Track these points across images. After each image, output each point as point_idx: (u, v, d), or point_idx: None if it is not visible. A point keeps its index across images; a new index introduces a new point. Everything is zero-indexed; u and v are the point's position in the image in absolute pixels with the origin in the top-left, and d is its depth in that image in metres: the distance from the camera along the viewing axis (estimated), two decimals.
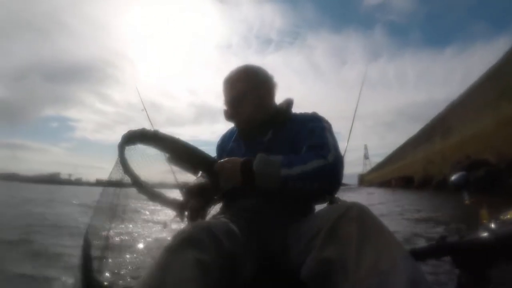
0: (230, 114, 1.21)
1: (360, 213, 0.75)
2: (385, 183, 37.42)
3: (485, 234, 0.97)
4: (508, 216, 0.98)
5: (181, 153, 0.99)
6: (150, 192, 1.06)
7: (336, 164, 0.97)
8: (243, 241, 0.88)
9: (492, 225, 0.98)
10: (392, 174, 35.00)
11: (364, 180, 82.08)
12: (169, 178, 1.20)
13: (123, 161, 1.03)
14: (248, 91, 1.15)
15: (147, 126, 1.48)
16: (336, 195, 1.39)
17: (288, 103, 1.24)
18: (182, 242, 0.71)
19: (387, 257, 0.64)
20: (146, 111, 1.60)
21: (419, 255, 1.06)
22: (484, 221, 1.04)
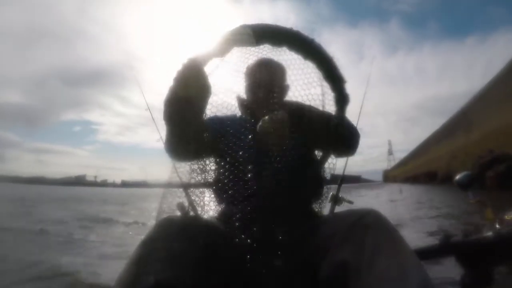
0: (264, 98, 1.07)
1: (375, 220, 0.76)
2: (409, 179, 37.09)
3: (489, 234, 0.97)
4: None
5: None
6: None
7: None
8: (224, 235, 0.86)
9: (497, 225, 0.98)
10: (416, 169, 34.66)
11: (389, 176, 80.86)
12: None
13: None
14: (283, 85, 1.14)
15: (152, 126, 1.39)
16: (340, 195, 1.28)
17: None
18: (154, 237, 0.72)
19: (399, 265, 0.66)
20: (150, 111, 1.52)
21: (423, 254, 1.07)
22: (489, 221, 1.04)
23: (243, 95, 1.18)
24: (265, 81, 1.10)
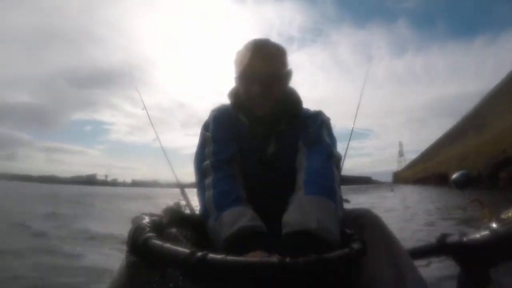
0: (259, 94, 0.88)
1: (371, 221, 0.76)
2: (420, 180, 36.63)
3: (486, 233, 0.96)
4: (510, 215, 0.97)
5: None
6: None
7: None
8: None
9: (493, 224, 0.98)
10: (427, 171, 34.39)
11: (399, 178, 79.90)
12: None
13: None
14: (282, 74, 0.93)
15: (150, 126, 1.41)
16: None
17: (297, 98, 1.01)
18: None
19: (395, 266, 0.67)
20: (146, 111, 1.47)
21: (420, 253, 1.07)
22: (485, 220, 1.04)
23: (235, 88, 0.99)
24: (261, 71, 0.89)
